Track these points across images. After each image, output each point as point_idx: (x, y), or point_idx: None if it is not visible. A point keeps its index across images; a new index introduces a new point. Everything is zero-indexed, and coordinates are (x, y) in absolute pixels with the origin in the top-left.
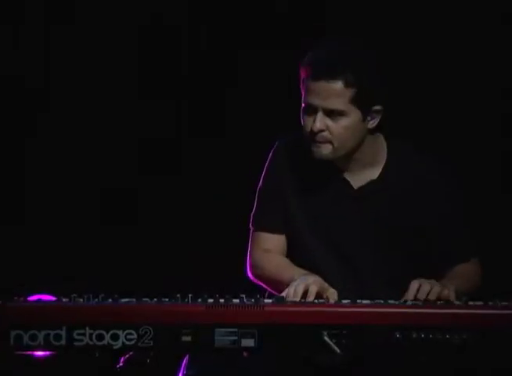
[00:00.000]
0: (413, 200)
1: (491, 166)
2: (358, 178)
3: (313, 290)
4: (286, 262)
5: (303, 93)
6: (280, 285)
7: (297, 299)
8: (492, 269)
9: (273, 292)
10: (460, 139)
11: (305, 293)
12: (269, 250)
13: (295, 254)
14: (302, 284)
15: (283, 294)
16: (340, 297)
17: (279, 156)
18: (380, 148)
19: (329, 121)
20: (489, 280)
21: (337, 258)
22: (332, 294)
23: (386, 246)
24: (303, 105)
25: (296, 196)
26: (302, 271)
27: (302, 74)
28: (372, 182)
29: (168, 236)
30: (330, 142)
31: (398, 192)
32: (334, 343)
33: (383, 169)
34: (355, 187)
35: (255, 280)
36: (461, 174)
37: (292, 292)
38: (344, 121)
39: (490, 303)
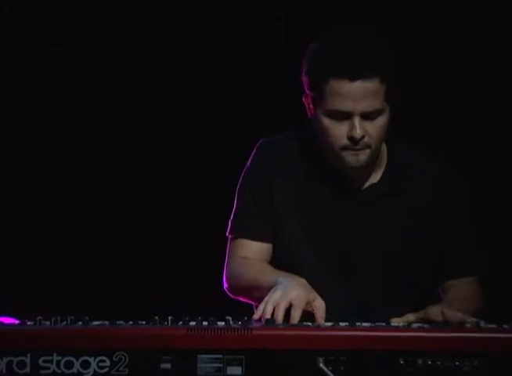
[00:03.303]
0: (416, 205)
1: (493, 168)
2: (358, 182)
3: (297, 314)
4: (267, 267)
5: (321, 98)
6: (259, 292)
7: (279, 319)
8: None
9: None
10: (463, 141)
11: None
12: (250, 257)
13: (284, 265)
14: (284, 302)
15: (257, 312)
16: (337, 312)
17: (265, 157)
18: (382, 150)
19: (366, 125)
20: (500, 297)
21: (332, 269)
22: (319, 308)
23: (386, 255)
24: (327, 111)
25: (287, 202)
26: (284, 274)
27: (317, 77)
28: (373, 186)
29: (144, 250)
30: (369, 146)
31: (399, 197)
32: (331, 370)
33: (384, 172)
34: (355, 191)
35: (233, 295)
36: (465, 176)
37: (269, 309)
38: (380, 121)
39: (504, 326)
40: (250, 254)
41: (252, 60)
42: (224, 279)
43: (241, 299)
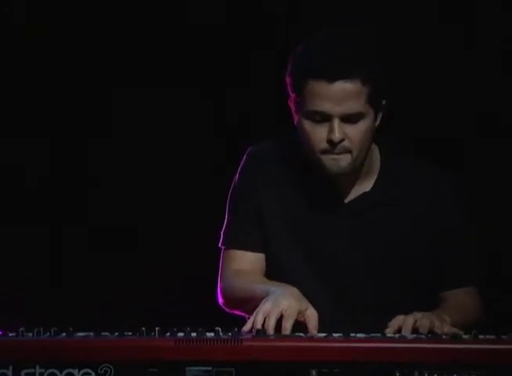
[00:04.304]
0: (414, 213)
1: (493, 170)
2: (349, 192)
3: (288, 324)
4: (260, 278)
5: (302, 100)
6: (253, 303)
7: (270, 330)
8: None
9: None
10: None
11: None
12: (243, 268)
13: (276, 275)
14: (275, 312)
15: (248, 323)
16: (328, 326)
17: (254, 164)
18: (374, 156)
19: (346, 128)
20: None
21: (324, 279)
22: (311, 318)
23: (379, 268)
24: (306, 114)
25: (275, 212)
26: (277, 284)
27: (298, 78)
28: (364, 195)
29: (129, 260)
30: (350, 151)
31: (394, 206)
32: None
33: (376, 180)
34: (346, 201)
35: (228, 308)
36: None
37: (260, 320)
38: (362, 125)
39: (503, 337)
40: (244, 265)
41: (251, 60)
42: (218, 292)
43: (237, 313)
